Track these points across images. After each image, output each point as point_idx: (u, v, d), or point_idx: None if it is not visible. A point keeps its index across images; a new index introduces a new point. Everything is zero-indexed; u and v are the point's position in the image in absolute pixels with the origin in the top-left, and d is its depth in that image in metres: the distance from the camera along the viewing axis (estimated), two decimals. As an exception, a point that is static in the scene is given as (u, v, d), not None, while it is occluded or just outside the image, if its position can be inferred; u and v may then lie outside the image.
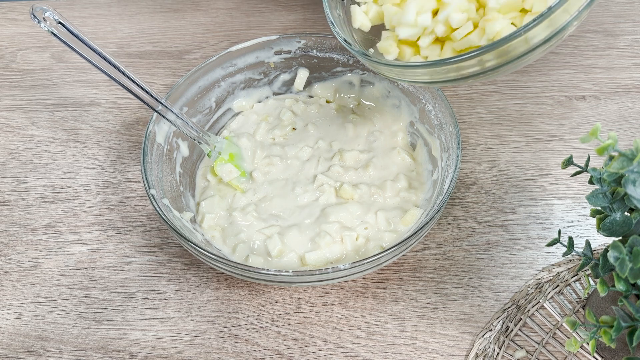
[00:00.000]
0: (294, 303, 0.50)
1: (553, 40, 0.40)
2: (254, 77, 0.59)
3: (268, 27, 0.73)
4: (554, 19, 0.38)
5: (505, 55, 0.40)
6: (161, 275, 0.52)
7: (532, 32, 0.38)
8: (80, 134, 0.63)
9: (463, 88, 0.65)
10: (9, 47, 0.72)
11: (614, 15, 0.71)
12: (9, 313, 0.51)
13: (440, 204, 0.46)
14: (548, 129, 0.61)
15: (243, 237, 0.51)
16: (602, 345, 0.45)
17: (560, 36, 0.40)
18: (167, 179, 0.52)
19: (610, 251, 0.33)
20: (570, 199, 0.56)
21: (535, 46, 0.40)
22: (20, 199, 0.58)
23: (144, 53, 0.71)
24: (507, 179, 0.57)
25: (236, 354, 0.48)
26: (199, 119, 0.58)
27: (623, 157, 0.31)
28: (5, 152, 0.62)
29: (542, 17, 0.37)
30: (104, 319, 0.50)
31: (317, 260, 0.49)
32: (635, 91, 0.63)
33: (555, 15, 0.37)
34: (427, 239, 0.54)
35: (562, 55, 0.67)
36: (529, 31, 0.38)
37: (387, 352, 0.48)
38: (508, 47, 0.39)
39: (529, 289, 0.50)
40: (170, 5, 0.76)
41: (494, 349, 0.47)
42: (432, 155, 0.55)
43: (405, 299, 0.50)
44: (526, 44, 0.39)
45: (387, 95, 0.59)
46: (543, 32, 0.39)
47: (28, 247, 0.55)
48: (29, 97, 0.67)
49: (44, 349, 0.49)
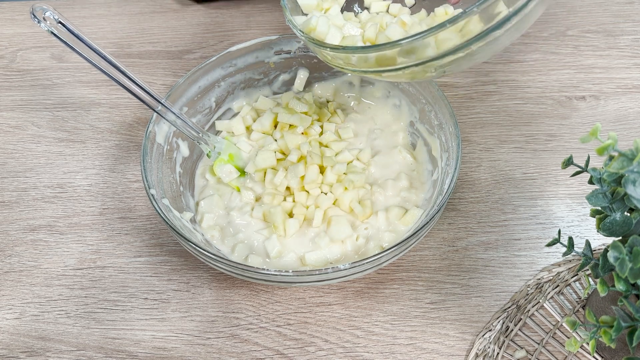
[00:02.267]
0: (294, 303, 0.50)
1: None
2: (254, 77, 0.59)
3: (268, 27, 0.73)
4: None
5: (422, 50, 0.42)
6: (161, 275, 0.52)
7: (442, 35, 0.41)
8: (80, 134, 0.63)
9: (463, 88, 0.65)
10: (9, 47, 0.72)
11: (614, 15, 0.71)
12: (9, 313, 0.51)
13: (440, 204, 0.46)
14: (548, 129, 0.61)
15: (241, 237, 0.51)
16: (602, 345, 0.45)
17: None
18: (167, 179, 0.52)
19: (610, 251, 0.33)
20: (570, 199, 0.56)
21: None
22: (20, 199, 0.58)
23: (144, 53, 0.71)
24: (507, 179, 0.57)
25: (236, 354, 0.48)
26: (199, 119, 0.58)
27: (623, 157, 0.31)
28: (5, 152, 0.62)
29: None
30: (104, 319, 0.50)
31: (317, 260, 0.49)
32: (635, 91, 0.63)
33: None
34: (427, 239, 0.54)
35: (562, 55, 0.67)
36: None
37: (387, 352, 0.48)
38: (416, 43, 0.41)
39: (529, 289, 0.50)
40: (170, 5, 0.76)
41: (494, 349, 0.47)
42: (432, 155, 0.55)
43: (405, 299, 0.50)
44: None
45: (388, 95, 0.59)
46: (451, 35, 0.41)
47: (28, 247, 0.55)
48: (29, 97, 0.67)
49: (44, 349, 0.49)
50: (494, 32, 0.40)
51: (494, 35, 0.41)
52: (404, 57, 0.43)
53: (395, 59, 0.43)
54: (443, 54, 0.42)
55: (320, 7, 0.51)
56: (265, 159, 0.54)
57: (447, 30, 0.40)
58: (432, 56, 0.42)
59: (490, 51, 0.43)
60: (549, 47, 0.68)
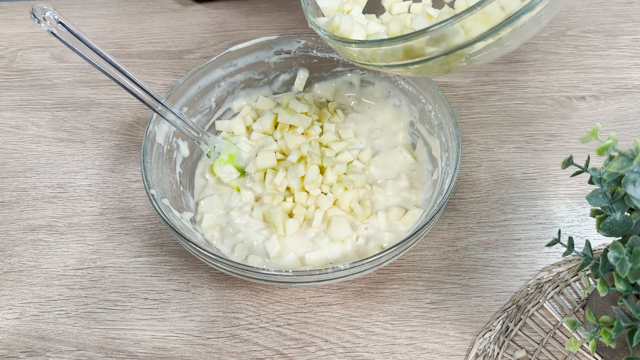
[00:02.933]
0: (294, 303, 0.50)
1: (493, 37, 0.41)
2: (254, 77, 0.59)
3: (268, 27, 0.73)
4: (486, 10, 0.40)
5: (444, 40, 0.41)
6: (161, 275, 0.52)
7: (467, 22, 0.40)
8: (80, 134, 0.63)
9: (463, 88, 0.65)
10: (9, 47, 0.72)
11: (614, 15, 0.71)
12: (9, 313, 0.51)
13: (440, 204, 0.46)
14: (548, 129, 0.61)
15: (241, 237, 0.51)
16: (602, 345, 0.45)
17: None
18: (167, 179, 0.52)
19: (610, 251, 0.33)
20: (570, 199, 0.56)
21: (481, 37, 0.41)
22: (20, 199, 0.58)
23: (144, 53, 0.71)
24: (507, 179, 0.57)
25: (236, 354, 0.48)
26: (199, 119, 0.58)
27: (623, 157, 0.31)
28: (5, 152, 0.62)
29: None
30: (104, 319, 0.50)
31: (316, 260, 0.49)
32: (635, 91, 0.63)
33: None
34: (427, 239, 0.54)
35: (562, 55, 0.67)
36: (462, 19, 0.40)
37: (387, 352, 0.48)
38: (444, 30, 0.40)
39: (529, 289, 0.50)
40: (170, 5, 0.76)
41: (494, 349, 0.47)
42: (432, 155, 0.55)
43: (405, 299, 0.50)
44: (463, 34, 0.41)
45: (388, 95, 0.59)
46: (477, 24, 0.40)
47: (28, 247, 0.55)
48: (29, 97, 0.67)
49: (44, 349, 0.49)
50: (519, 18, 0.40)
51: (521, 21, 0.40)
52: (432, 47, 0.42)
53: (423, 49, 0.42)
54: (473, 41, 0.41)
55: (342, 10, 0.50)
56: (265, 159, 0.54)
57: (475, 15, 0.39)
58: (461, 43, 0.41)
59: (519, 39, 0.43)
60: (549, 47, 0.68)
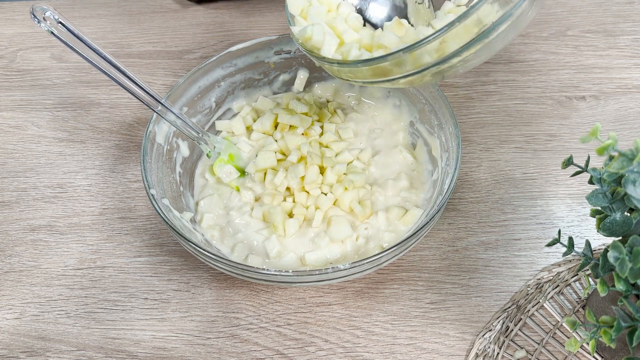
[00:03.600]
0: (294, 303, 0.50)
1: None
2: (254, 77, 0.59)
3: (268, 27, 0.73)
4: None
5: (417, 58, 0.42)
6: (161, 275, 0.52)
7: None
8: (80, 134, 0.63)
9: (463, 88, 0.65)
10: (9, 47, 0.72)
11: (614, 15, 0.71)
12: (9, 313, 0.51)
13: (440, 204, 0.46)
14: (548, 129, 0.61)
15: (241, 237, 0.51)
16: (602, 345, 0.45)
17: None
18: (167, 179, 0.52)
19: (610, 251, 0.33)
20: (570, 199, 0.56)
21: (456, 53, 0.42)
22: (20, 199, 0.58)
23: (144, 53, 0.71)
24: (507, 179, 0.57)
25: (236, 354, 0.48)
26: (199, 119, 0.58)
27: (623, 157, 0.31)
28: (5, 152, 0.62)
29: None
30: (104, 319, 0.50)
31: (316, 260, 0.49)
32: (635, 91, 0.63)
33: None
34: (427, 239, 0.54)
35: (562, 55, 0.67)
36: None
37: (387, 352, 0.48)
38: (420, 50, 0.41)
39: (529, 289, 0.50)
40: (170, 5, 0.76)
41: (494, 349, 0.47)
42: (432, 155, 0.55)
43: (405, 299, 0.50)
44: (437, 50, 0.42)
45: (388, 95, 0.59)
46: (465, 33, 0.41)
47: (28, 247, 0.55)
48: (29, 97, 0.67)
49: (44, 349, 0.49)
50: (483, 39, 0.40)
51: (484, 41, 0.41)
52: (398, 68, 0.43)
53: (392, 70, 0.43)
54: (440, 61, 0.42)
55: (307, 10, 0.50)
56: (265, 160, 0.54)
57: (436, 40, 0.40)
58: (430, 63, 0.42)
59: (487, 54, 0.43)
60: (549, 47, 0.68)
